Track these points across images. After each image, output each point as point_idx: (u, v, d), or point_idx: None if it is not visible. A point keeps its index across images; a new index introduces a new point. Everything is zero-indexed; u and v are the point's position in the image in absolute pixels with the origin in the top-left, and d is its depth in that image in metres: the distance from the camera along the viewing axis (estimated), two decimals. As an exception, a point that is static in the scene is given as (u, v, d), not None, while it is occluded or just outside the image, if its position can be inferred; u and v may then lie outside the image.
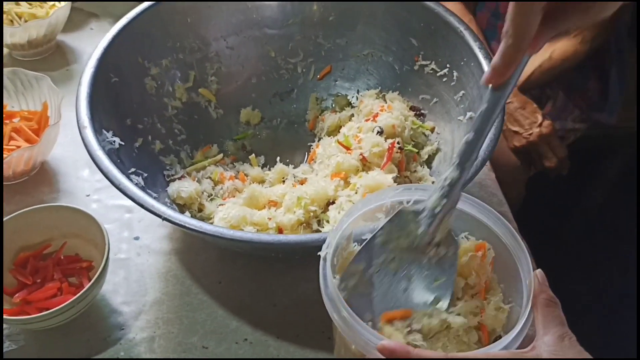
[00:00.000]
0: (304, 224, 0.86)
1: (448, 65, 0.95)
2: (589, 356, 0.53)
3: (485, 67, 0.86)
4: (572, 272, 1.51)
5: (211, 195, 0.94)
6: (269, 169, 0.99)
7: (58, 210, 0.83)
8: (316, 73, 1.09)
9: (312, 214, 0.86)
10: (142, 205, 0.73)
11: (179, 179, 0.93)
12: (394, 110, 0.95)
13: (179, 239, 0.90)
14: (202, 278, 0.86)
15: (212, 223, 0.87)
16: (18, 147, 0.93)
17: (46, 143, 0.93)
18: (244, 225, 0.84)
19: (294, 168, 0.98)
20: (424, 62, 0.98)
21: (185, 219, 0.72)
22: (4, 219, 0.80)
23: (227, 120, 1.06)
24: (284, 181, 0.96)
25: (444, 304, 0.62)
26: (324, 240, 0.63)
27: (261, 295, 0.84)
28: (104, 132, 0.83)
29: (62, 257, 0.83)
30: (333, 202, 0.87)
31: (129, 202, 0.74)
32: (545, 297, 0.56)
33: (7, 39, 1.13)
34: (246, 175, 0.98)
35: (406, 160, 0.92)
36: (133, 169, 0.85)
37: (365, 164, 0.90)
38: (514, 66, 0.56)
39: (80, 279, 0.81)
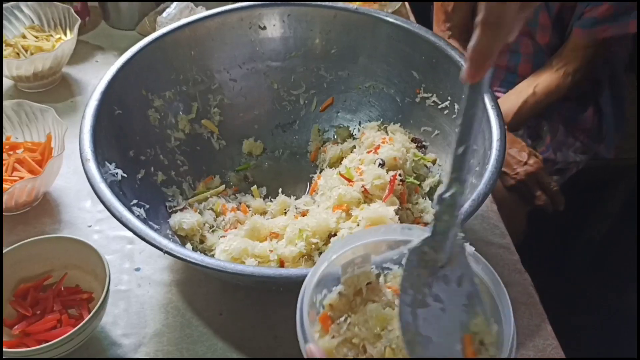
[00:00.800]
0: (306, 256, 0.85)
1: (449, 98, 0.96)
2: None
3: (487, 100, 0.87)
4: (575, 304, 1.50)
5: (213, 226, 0.94)
6: (271, 200, 0.99)
7: (59, 241, 0.82)
8: (318, 105, 1.10)
9: (313, 246, 0.85)
10: (143, 238, 0.73)
11: (181, 210, 0.93)
12: (395, 143, 0.95)
13: (180, 270, 0.90)
14: (203, 310, 0.85)
15: (213, 255, 0.86)
16: (21, 178, 0.94)
17: (49, 174, 0.93)
18: (245, 258, 0.83)
19: (296, 199, 0.99)
20: (425, 95, 1.00)
21: (187, 252, 0.72)
22: (5, 250, 0.80)
23: (230, 151, 1.07)
24: (285, 212, 0.96)
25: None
26: None
27: (262, 328, 0.83)
28: (107, 164, 0.83)
29: (62, 289, 0.83)
30: (335, 234, 0.87)
31: (130, 234, 0.74)
32: None
33: (13, 72, 1.15)
34: (248, 206, 0.98)
35: (408, 192, 0.93)
36: (135, 201, 0.85)
37: (367, 196, 0.90)
38: (492, 57, 0.52)
39: (80, 310, 0.81)
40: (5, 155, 0.98)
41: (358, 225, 0.85)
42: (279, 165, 1.08)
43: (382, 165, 0.92)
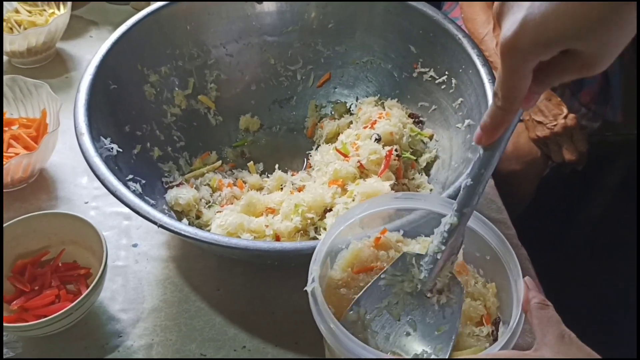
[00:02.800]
0: (301, 231, 0.85)
1: (447, 73, 0.95)
2: (590, 351, 0.53)
3: (483, 74, 0.86)
4: (573, 279, 1.51)
5: (209, 202, 0.94)
6: (268, 176, 0.99)
7: (56, 218, 0.82)
8: (315, 80, 1.09)
9: (309, 221, 0.85)
10: (138, 212, 0.73)
11: (177, 186, 0.93)
12: (392, 118, 0.95)
13: (177, 246, 0.90)
14: (200, 285, 0.85)
15: (209, 230, 0.86)
16: (17, 154, 0.93)
17: (44, 150, 0.93)
18: (241, 233, 0.84)
19: (292, 175, 0.98)
20: (422, 70, 0.99)
21: (181, 226, 0.72)
22: (3, 226, 0.80)
23: (227, 127, 1.06)
24: (282, 188, 0.96)
25: (443, 354, 0.59)
26: None
27: (259, 303, 0.83)
28: (102, 139, 0.83)
29: (60, 265, 0.83)
30: (330, 210, 0.87)
31: (127, 210, 0.74)
32: (537, 301, 0.56)
33: (7, 47, 1.14)
34: (244, 182, 0.98)
35: (404, 167, 0.92)
36: (131, 176, 0.85)
37: (363, 172, 0.89)
38: (504, 127, 0.53)
39: (78, 286, 0.81)
40: (0, 132, 0.98)
41: (353, 200, 0.85)
42: (276, 141, 1.08)
43: (378, 140, 0.91)
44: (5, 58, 1.21)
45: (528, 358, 0.51)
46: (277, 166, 0.99)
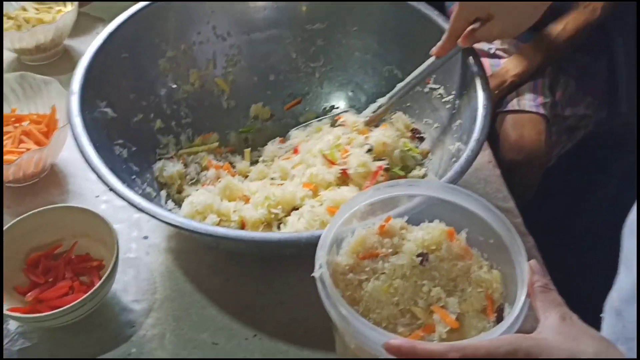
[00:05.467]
0: (265, 224, 0.86)
1: (454, 93, 0.93)
2: (594, 332, 0.53)
3: (480, 100, 0.85)
4: (580, 266, 1.51)
5: (194, 179, 0.96)
6: (265, 166, 0.99)
7: (68, 211, 0.84)
8: (333, 81, 1.08)
9: (273, 215, 0.86)
10: (100, 177, 0.76)
11: (168, 158, 0.96)
12: (388, 129, 0.94)
13: (187, 239, 0.91)
14: (210, 276, 0.86)
15: None
16: (28, 149, 0.95)
17: (55, 145, 0.94)
18: (208, 213, 0.85)
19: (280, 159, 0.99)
20: (434, 86, 0.97)
21: (132, 195, 0.74)
22: (16, 220, 0.81)
23: (237, 112, 1.07)
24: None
25: None
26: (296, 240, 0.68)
27: (269, 293, 0.84)
28: (97, 101, 0.86)
29: (73, 257, 0.84)
30: (297, 209, 0.88)
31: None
32: (541, 285, 0.57)
33: (16, 44, 1.15)
34: (233, 167, 0.99)
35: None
36: (121, 141, 0.88)
37: (344, 180, 0.89)
38: (449, 48, 0.89)
39: (91, 277, 0.82)
40: (11, 128, 0.99)
41: (321, 204, 0.85)
42: (282, 133, 1.07)
43: (370, 151, 0.91)
44: (14, 55, 1.22)
45: (530, 341, 0.52)
46: (261, 159, 1.00)
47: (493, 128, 1.35)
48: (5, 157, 0.93)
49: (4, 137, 0.97)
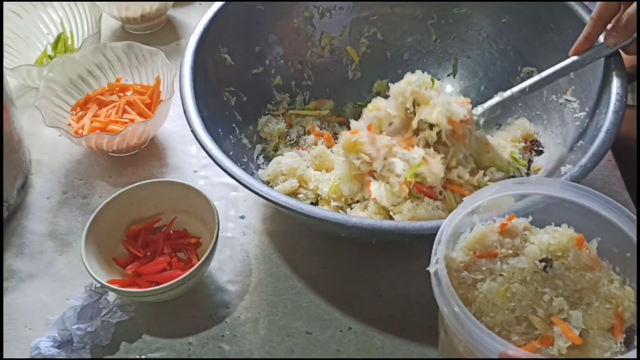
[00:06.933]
0: (337, 202, 0.84)
1: (587, 110, 0.82)
2: None
3: (609, 121, 0.74)
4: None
5: (293, 141, 0.95)
6: None
7: (170, 186, 0.83)
8: (466, 72, 1.01)
9: (344, 198, 0.83)
10: (194, 132, 0.76)
11: (275, 115, 0.96)
12: (468, 105, 0.83)
13: (283, 221, 0.89)
14: (306, 262, 0.84)
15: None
16: (131, 120, 0.95)
17: (159, 118, 0.94)
18: (290, 177, 0.85)
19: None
20: (570, 98, 0.86)
21: (255, 183, 0.71)
22: (120, 192, 0.81)
23: (360, 85, 1.03)
24: None
25: None
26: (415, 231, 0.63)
27: (365, 285, 0.81)
28: (220, 47, 0.87)
29: (171, 232, 0.84)
30: (358, 202, 0.83)
31: (235, 181, 0.72)
32: None
33: (122, 13, 1.16)
34: (336, 138, 0.95)
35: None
36: (232, 88, 0.89)
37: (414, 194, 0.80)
38: (592, 41, 0.78)
39: (188, 254, 0.82)
40: (115, 97, 1.00)
41: (366, 208, 0.80)
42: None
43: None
44: (119, 24, 1.23)
45: None
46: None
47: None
48: (109, 127, 0.94)
49: (108, 106, 0.98)
